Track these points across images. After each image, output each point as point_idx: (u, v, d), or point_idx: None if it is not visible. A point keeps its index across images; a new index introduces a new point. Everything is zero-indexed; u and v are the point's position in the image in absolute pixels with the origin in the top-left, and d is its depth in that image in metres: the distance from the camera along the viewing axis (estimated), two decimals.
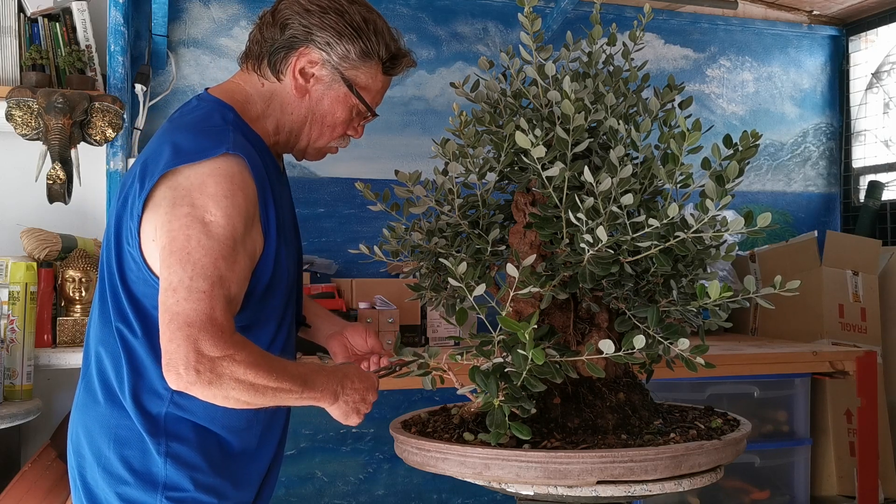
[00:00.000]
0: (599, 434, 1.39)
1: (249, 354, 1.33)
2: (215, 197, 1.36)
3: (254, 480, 1.58)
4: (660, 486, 1.29)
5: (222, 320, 1.32)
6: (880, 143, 4.33)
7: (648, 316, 1.34)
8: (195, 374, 1.29)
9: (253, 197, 1.41)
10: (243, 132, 1.47)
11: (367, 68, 1.54)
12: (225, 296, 1.34)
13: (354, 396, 1.50)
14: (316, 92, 1.53)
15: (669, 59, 4.19)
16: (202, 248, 1.33)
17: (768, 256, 3.88)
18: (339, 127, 1.58)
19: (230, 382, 1.31)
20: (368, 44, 1.51)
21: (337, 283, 3.38)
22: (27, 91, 2.77)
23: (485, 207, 1.58)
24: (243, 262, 1.38)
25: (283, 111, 1.55)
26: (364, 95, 1.56)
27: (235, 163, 1.39)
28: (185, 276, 1.32)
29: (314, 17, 1.49)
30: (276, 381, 1.35)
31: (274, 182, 1.51)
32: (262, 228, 1.44)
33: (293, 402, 1.43)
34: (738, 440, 1.41)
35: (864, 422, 3.18)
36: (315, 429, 3.47)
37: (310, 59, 1.51)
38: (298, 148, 1.61)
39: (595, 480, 1.26)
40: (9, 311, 2.56)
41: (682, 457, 1.29)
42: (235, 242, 1.36)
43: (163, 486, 1.44)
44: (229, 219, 1.35)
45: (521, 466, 1.27)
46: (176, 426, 1.45)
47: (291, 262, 1.58)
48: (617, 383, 1.49)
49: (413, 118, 3.79)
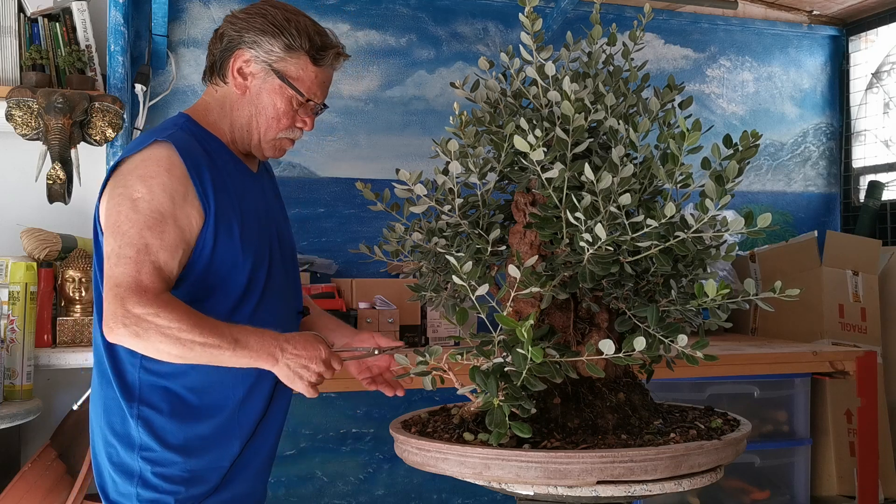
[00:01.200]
0: (599, 434, 1.39)
1: (173, 311, 1.51)
2: (143, 177, 1.58)
3: (235, 440, 1.70)
4: (660, 486, 1.29)
5: (147, 282, 1.53)
6: (880, 143, 4.33)
7: (648, 315, 1.34)
8: (123, 327, 1.50)
9: (181, 177, 1.60)
10: (193, 133, 1.70)
11: (295, 60, 1.72)
12: (152, 261, 1.55)
13: (296, 362, 1.60)
14: (254, 87, 1.73)
15: (669, 59, 4.19)
16: (129, 221, 1.56)
17: (768, 256, 3.88)
18: (284, 118, 1.74)
19: (156, 336, 1.50)
20: (290, 38, 1.71)
21: (337, 283, 3.38)
22: (27, 91, 2.77)
23: (485, 207, 1.58)
24: (173, 233, 1.58)
25: (232, 110, 1.75)
26: (297, 85, 1.72)
27: (164, 147, 1.61)
28: (116, 245, 1.55)
29: (242, 23, 1.73)
30: (203, 337, 1.52)
31: (230, 174, 1.71)
32: (202, 206, 1.62)
33: (230, 360, 1.56)
34: (738, 440, 1.41)
35: (864, 422, 3.18)
36: (315, 429, 3.47)
37: (243, 58, 1.72)
38: (253, 143, 1.77)
39: (595, 480, 1.26)
40: (9, 311, 2.56)
41: (682, 457, 1.29)
42: (162, 215, 1.57)
43: (139, 447, 1.65)
44: (153, 194, 1.57)
45: (521, 466, 1.27)
46: (149, 393, 1.65)
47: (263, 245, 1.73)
48: (617, 383, 1.49)
49: (413, 118, 3.79)
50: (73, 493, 2.47)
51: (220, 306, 1.65)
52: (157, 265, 1.55)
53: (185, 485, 1.65)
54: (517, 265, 1.33)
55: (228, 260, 1.66)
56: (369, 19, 3.75)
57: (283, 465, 3.39)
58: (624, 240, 1.33)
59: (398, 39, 3.80)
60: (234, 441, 1.70)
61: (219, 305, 1.65)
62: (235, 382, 1.68)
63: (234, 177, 1.72)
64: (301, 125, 1.77)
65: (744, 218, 1.25)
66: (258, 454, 1.77)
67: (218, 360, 1.55)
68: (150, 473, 1.64)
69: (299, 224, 3.63)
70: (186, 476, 1.65)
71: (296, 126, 1.77)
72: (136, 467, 1.64)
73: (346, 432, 3.48)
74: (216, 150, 1.72)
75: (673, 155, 1.30)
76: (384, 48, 3.78)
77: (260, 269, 1.72)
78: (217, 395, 1.68)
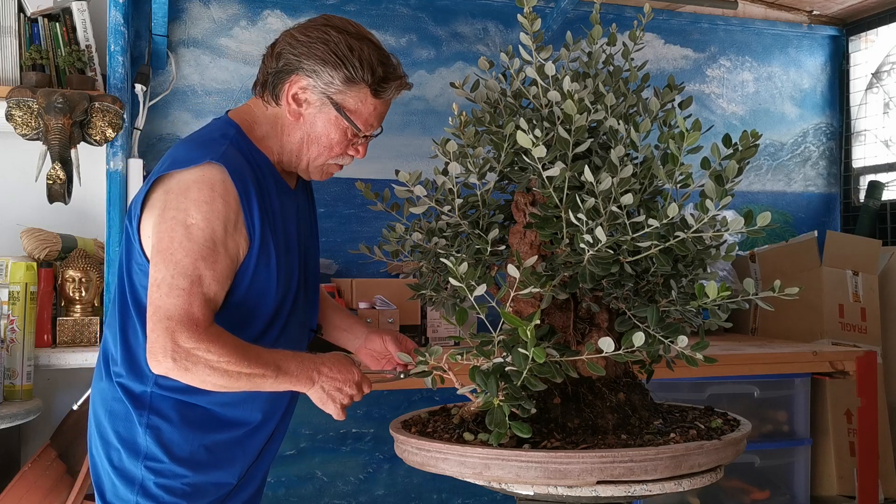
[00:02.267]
0: (599, 434, 1.39)
1: (223, 346, 1.49)
2: (197, 202, 1.53)
3: (239, 462, 1.69)
4: (659, 486, 1.29)
5: (199, 315, 1.49)
6: (880, 143, 4.33)
7: (648, 315, 1.34)
8: (172, 361, 1.47)
9: (234, 203, 1.55)
10: (241, 148, 1.63)
11: (355, 92, 1.65)
12: (203, 293, 1.51)
13: (331, 385, 1.61)
14: (309, 115, 1.66)
15: (669, 59, 4.19)
16: (183, 250, 1.50)
17: (768, 256, 3.88)
18: (336, 147, 1.69)
19: (204, 370, 1.48)
20: (352, 70, 1.63)
21: (337, 283, 3.38)
22: (27, 91, 2.77)
23: (485, 207, 1.58)
24: (224, 262, 1.54)
25: (284, 133, 1.69)
26: (354, 118, 1.66)
27: (217, 171, 1.55)
28: (168, 274, 1.50)
29: (303, 48, 1.64)
30: (249, 368, 1.51)
31: (272, 196, 1.66)
32: (248, 233, 1.58)
33: (272, 386, 1.56)
34: (737, 440, 1.41)
35: (864, 422, 3.18)
36: (315, 429, 3.47)
37: (300, 85, 1.64)
38: (301, 167, 1.72)
39: (595, 480, 1.26)
40: (9, 311, 2.56)
41: (682, 457, 1.29)
42: (215, 244, 1.53)
43: (144, 456, 1.62)
44: (209, 222, 1.52)
45: (521, 466, 1.27)
46: (160, 403, 1.62)
47: (292, 271, 1.70)
48: (617, 383, 1.49)
49: (413, 118, 3.79)
50: (72, 493, 2.47)
51: (246, 334, 1.61)
52: (209, 297, 1.52)
53: (186, 499, 1.63)
54: (517, 265, 1.33)
55: (261, 289, 1.63)
56: (369, 19, 3.75)
57: (283, 465, 3.39)
58: (624, 240, 1.33)
59: (398, 39, 3.79)
60: (242, 460, 1.69)
61: (245, 334, 1.61)
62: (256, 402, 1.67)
63: (275, 198, 1.67)
64: (353, 153, 1.72)
65: (743, 218, 1.25)
66: (258, 474, 1.76)
67: (259, 387, 1.56)
68: (152, 483, 1.61)
69: None
70: (189, 490, 1.63)
71: (347, 154, 1.71)
72: (138, 475, 1.62)
73: (346, 432, 3.48)
74: (262, 170, 1.66)
75: (672, 155, 1.30)
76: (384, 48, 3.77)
77: (287, 298, 1.69)
78: (236, 407, 1.66)
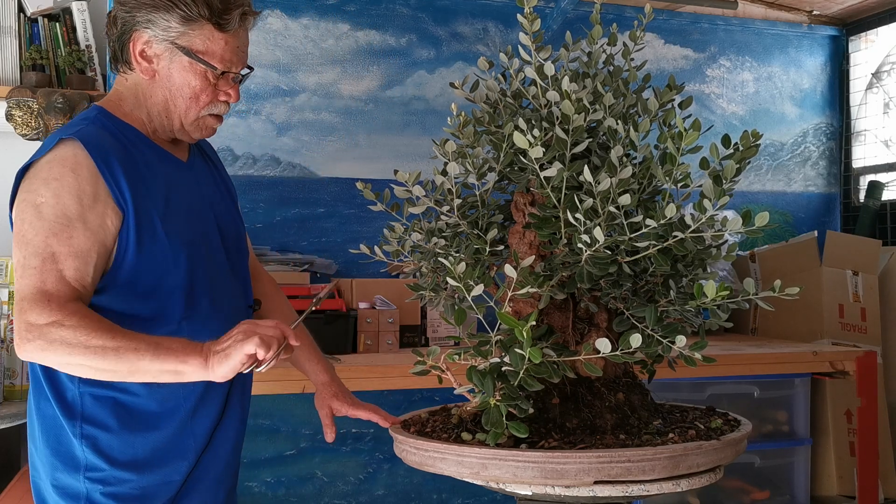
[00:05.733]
0: (598, 434, 1.38)
1: (81, 319, 1.40)
2: (46, 180, 1.47)
3: (185, 456, 1.61)
4: (657, 487, 1.28)
5: (52, 290, 1.42)
6: (880, 143, 4.33)
7: (647, 315, 1.34)
8: (27, 342, 1.40)
9: (89, 176, 1.48)
10: (105, 126, 1.56)
11: (198, 31, 1.55)
12: (58, 269, 1.44)
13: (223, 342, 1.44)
14: (162, 70, 1.58)
15: (669, 59, 4.19)
16: (33, 229, 1.45)
17: (768, 256, 3.88)
18: (203, 95, 1.59)
19: (62, 347, 1.39)
20: (185, 8, 1.53)
21: (337, 283, 3.38)
22: (27, 91, 2.77)
23: (484, 208, 1.58)
24: (81, 236, 1.46)
25: (146, 97, 1.61)
26: (207, 58, 1.56)
27: (70, 147, 1.49)
28: (21, 256, 1.46)
29: (132, 2, 1.56)
30: (115, 341, 1.40)
31: (149, 165, 1.58)
32: (118, 204, 1.50)
33: (151, 365, 1.41)
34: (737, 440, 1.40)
35: (864, 422, 3.18)
36: (315, 429, 3.46)
37: (143, 41, 1.56)
38: (176, 128, 1.63)
39: (592, 480, 1.25)
40: (9, 311, 2.56)
41: (680, 457, 1.28)
42: (69, 219, 1.46)
43: (84, 468, 1.54)
44: (58, 198, 1.46)
45: (518, 466, 1.27)
46: (91, 408, 1.54)
47: (194, 240, 1.61)
48: (616, 383, 1.48)
49: (413, 118, 3.79)
50: None
51: (161, 310, 1.54)
52: (65, 273, 1.44)
53: (137, 502, 1.56)
54: (514, 265, 1.33)
55: (158, 260, 1.54)
56: (369, 19, 3.75)
57: (283, 465, 3.39)
58: (622, 240, 1.32)
59: (398, 39, 3.80)
60: (188, 452, 1.61)
61: (160, 309, 1.54)
62: (186, 387, 1.57)
63: (157, 169, 1.59)
64: (225, 98, 1.62)
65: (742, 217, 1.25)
66: (213, 464, 1.67)
67: (138, 368, 1.41)
68: (98, 494, 1.53)
69: (299, 224, 3.63)
70: (138, 493, 1.56)
71: (219, 101, 1.61)
72: (82, 489, 1.53)
73: (346, 432, 3.48)
74: (133, 142, 1.58)
75: (671, 155, 1.30)
76: (384, 48, 3.78)
77: (199, 266, 1.60)
78: (166, 398, 1.57)
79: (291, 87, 3.65)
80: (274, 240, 3.55)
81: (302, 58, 3.67)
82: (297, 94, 3.67)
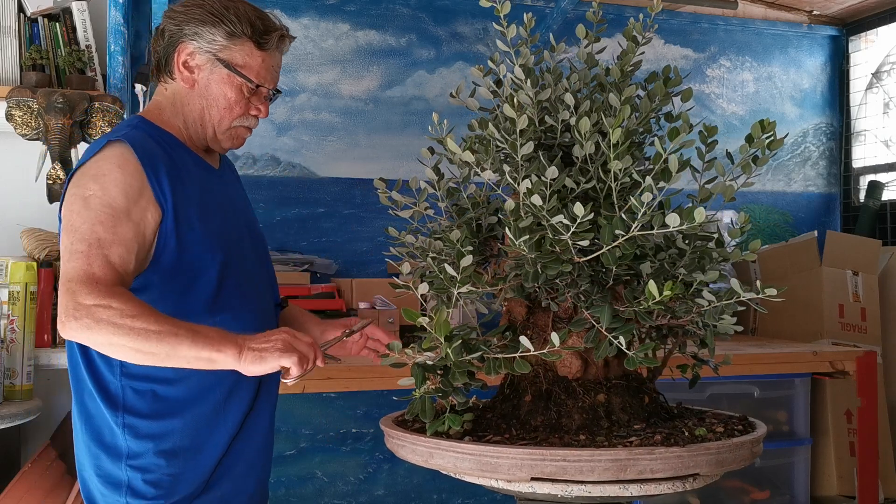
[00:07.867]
0: (560, 433, 1.39)
1: (126, 302, 1.47)
2: (95, 176, 1.58)
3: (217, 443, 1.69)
4: (601, 489, 1.27)
5: (99, 274, 1.49)
6: (880, 143, 4.33)
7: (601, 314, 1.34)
8: (74, 320, 1.45)
9: (135, 172, 1.59)
10: (148, 132, 1.68)
11: (239, 47, 1.70)
12: (104, 255, 1.51)
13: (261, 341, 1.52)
14: (202, 80, 1.71)
15: (669, 59, 4.19)
16: (81, 218, 1.54)
17: (768, 256, 3.88)
18: (236, 107, 1.72)
19: (108, 327, 1.45)
20: (231, 25, 1.69)
21: (337, 283, 3.38)
22: (27, 91, 2.77)
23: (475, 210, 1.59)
24: (125, 227, 1.55)
25: (184, 105, 1.73)
26: (245, 72, 1.70)
27: (117, 146, 1.61)
28: (68, 242, 1.53)
29: (181, 16, 1.71)
30: (157, 325, 1.46)
31: (188, 167, 1.70)
32: (159, 203, 1.60)
33: (189, 350, 1.48)
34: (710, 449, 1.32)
35: (864, 422, 3.18)
36: (315, 429, 3.47)
37: (187, 51, 1.70)
38: (209, 136, 1.75)
39: (528, 476, 1.27)
40: (9, 311, 2.56)
41: (626, 461, 1.25)
42: (115, 210, 1.55)
43: (126, 456, 1.63)
44: (105, 191, 1.56)
45: (457, 457, 1.33)
46: (133, 400, 1.63)
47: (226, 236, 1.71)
48: (599, 384, 1.47)
49: (413, 118, 3.80)
50: (72, 493, 2.47)
51: (197, 303, 1.63)
52: (111, 258, 1.52)
53: (173, 488, 1.64)
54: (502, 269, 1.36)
55: (196, 255, 1.64)
56: (369, 19, 3.75)
57: (283, 465, 3.39)
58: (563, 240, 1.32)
59: (398, 39, 3.80)
60: (221, 438, 1.69)
61: (196, 302, 1.63)
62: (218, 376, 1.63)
63: (193, 172, 1.71)
64: (255, 112, 1.75)
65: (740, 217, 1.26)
66: (246, 451, 1.74)
67: (176, 352, 1.47)
68: (139, 482, 1.63)
69: (299, 224, 3.63)
70: (174, 480, 1.64)
71: (250, 114, 1.75)
72: (123, 477, 1.63)
73: (346, 432, 3.49)
74: (173, 146, 1.70)
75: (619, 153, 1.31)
76: (384, 48, 3.78)
77: (233, 263, 1.70)
78: (200, 386, 1.65)
79: (291, 86, 3.65)
80: (274, 240, 3.55)
81: (302, 58, 3.67)
82: (297, 93, 3.67)
